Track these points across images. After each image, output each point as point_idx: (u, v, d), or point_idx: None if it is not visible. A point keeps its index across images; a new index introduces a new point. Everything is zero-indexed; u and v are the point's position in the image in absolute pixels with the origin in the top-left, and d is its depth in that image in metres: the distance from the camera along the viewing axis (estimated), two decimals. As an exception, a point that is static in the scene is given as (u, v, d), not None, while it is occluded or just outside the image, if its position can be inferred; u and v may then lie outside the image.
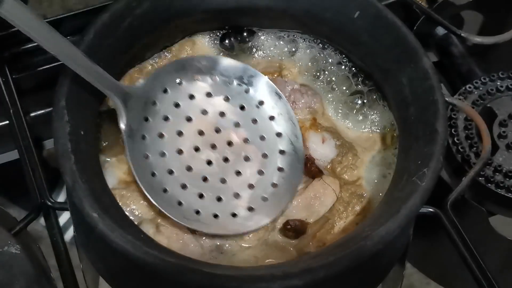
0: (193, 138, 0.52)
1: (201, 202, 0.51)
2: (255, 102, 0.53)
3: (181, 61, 0.54)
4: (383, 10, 0.57)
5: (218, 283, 0.43)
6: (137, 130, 0.52)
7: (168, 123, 0.52)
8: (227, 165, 0.52)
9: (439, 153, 0.49)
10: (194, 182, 0.51)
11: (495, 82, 0.76)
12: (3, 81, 0.67)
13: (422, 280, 0.91)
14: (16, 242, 0.53)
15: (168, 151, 0.52)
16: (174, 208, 0.51)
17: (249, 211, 0.51)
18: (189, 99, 0.53)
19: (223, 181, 0.51)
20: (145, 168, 0.51)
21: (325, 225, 0.54)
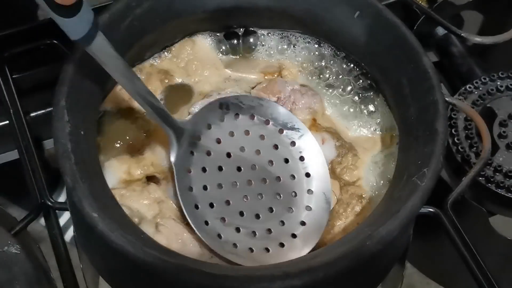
0: (232, 174, 0.54)
1: (238, 236, 0.52)
2: (288, 143, 0.56)
3: (225, 99, 0.57)
4: (383, 10, 0.57)
5: (218, 283, 0.43)
6: (184, 164, 0.54)
7: (210, 157, 0.55)
8: (261, 201, 0.54)
9: (439, 153, 0.49)
10: (232, 216, 0.53)
11: (495, 82, 0.76)
12: (3, 81, 0.67)
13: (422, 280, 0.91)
14: (16, 242, 0.53)
15: (210, 185, 0.54)
16: (214, 240, 0.52)
17: (280, 246, 0.52)
18: (230, 136, 0.55)
19: (257, 216, 0.53)
20: (189, 200, 0.53)
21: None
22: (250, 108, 0.56)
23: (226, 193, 0.53)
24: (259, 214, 0.53)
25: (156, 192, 0.54)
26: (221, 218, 0.52)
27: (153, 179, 0.56)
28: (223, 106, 0.56)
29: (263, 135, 0.56)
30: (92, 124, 0.53)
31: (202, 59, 0.62)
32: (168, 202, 0.54)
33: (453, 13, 0.83)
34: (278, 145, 0.56)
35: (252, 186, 0.54)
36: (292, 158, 0.55)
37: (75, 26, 0.46)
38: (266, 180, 0.54)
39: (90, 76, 0.52)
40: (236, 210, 0.53)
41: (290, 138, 0.56)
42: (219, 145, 0.55)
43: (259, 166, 0.55)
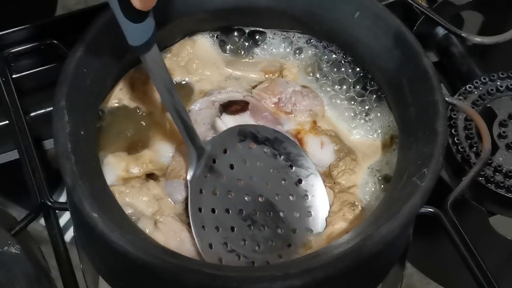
0: (240, 201, 0.55)
1: (238, 263, 0.53)
2: (295, 180, 0.56)
3: (244, 126, 0.57)
4: (383, 10, 0.57)
5: (218, 283, 0.43)
6: (198, 184, 0.54)
7: (221, 181, 0.55)
8: (263, 233, 0.54)
9: (439, 153, 0.49)
10: (234, 243, 0.53)
11: (495, 82, 0.76)
12: (3, 81, 0.67)
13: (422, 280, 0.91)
14: (16, 242, 0.53)
15: (218, 208, 0.54)
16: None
17: None
18: (242, 163, 0.56)
19: (258, 246, 0.53)
20: (198, 219, 0.53)
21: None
22: (266, 139, 0.57)
23: (232, 219, 0.54)
24: (260, 245, 0.53)
25: (155, 189, 0.54)
26: (224, 243, 0.53)
27: (152, 176, 0.56)
28: (241, 133, 0.56)
29: (274, 167, 0.56)
30: (92, 124, 0.53)
31: (203, 58, 0.62)
32: (166, 200, 0.54)
33: (453, 13, 0.83)
34: (285, 180, 0.56)
35: (257, 216, 0.54)
36: (297, 195, 0.56)
37: (139, 32, 0.48)
38: (270, 212, 0.55)
39: (90, 76, 0.52)
40: (239, 238, 0.53)
41: (298, 175, 0.57)
42: (232, 170, 0.55)
43: (265, 197, 0.55)
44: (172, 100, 0.52)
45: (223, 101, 0.59)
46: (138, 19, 0.47)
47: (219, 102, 0.59)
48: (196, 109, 0.59)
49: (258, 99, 0.60)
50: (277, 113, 0.60)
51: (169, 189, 0.55)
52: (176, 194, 0.54)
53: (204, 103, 0.59)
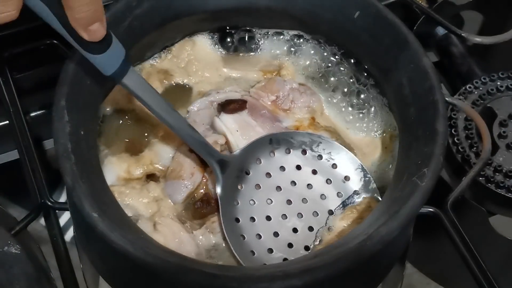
0: (282, 207, 0.55)
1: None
2: (341, 178, 0.56)
3: (275, 135, 0.57)
4: (383, 10, 0.57)
5: (218, 283, 0.43)
6: (231, 196, 0.54)
7: (259, 191, 0.55)
8: (311, 234, 0.54)
9: (439, 153, 0.49)
10: (279, 248, 0.53)
11: (495, 82, 0.76)
12: (3, 81, 0.67)
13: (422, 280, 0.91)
14: (16, 242, 0.53)
15: (258, 217, 0.54)
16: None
17: None
18: (280, 170, 0.56)
19: (307, 248, 0.53)
20: (235, 230, 0.53)
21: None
22: (302, 143, 0.56)
23: (275, 225, 0.54)
24: (309, 246, 0.53)
25: (155, 190, 0.54)
26: (269, 249, 0.53)
27: (152, 177, 0.56)
28: (273, 141, 0.56)
29: (316, 169, 0.56)
30: (92, 124, 0.53)
31: (202, 59, 0.62)
32: (166, 201, 0.54)
33: (453, 13, 0.83)
34: (331, 180, 0.56)
35: (303, 218, 0.54)
36: (345, 192, 0.56)
37: (106, 62, 0.48)
38: (317, 213, 0.54)
39: (90, 76, 0.52)
40: (285, 242, 0.53)
41: (344, 172, 0.56)
42: (269, 179, 0.55)
43: (310, 199, 0.55)
44: (171, 119, 0.52)
45: (221, 101, 0.59)
46: (100, 49, 0.47)
47: (217, 102, 0.59)
48: (194, 110, 0.59)
49: (256, 97, 0.60)
50: (275, 110, 0.60)
51: (169, 190, 0.55)
52: (176, 195, 0.55)
53: (203, 104, 0.59)
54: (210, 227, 0.53)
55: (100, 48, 0.46)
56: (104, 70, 0.48)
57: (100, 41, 0.46)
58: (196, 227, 0.53)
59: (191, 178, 0.55)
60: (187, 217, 0.54)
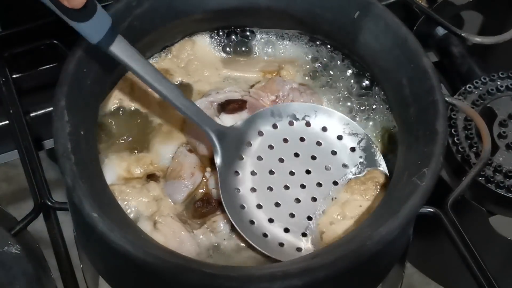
0: (284, 178, 0.54)
1: (285, 236, 0.52)
2: (346, 149, 0.56)
3: (277, 106, 0.57)
4: (383, 10, 0.57)
5: (218, 283, 0.43)
6: (231, 166, 0.54)
7: (261, 162, 0.55)
8: (314, 204, 0.54)
9: (439, 153, 0.49)
10: (280, 218, 0.53)
11: (495, 82, 0.76)
12: (3, 81, 0.67)
13: (422, 280, 0.91)
14: (16, 242, 0.53)
15: (259, 187, 0.54)
16: (258, 239, 0.52)
17: None
18: (283, 142, 0.56)
19: (309, 218, 0.53)
20: (235, 200, 0.53)
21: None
22: (305, 116, 0.56)
23: (277, 195, 0.54)
24: (311, 216, 0.53)
25: (155, 190, 0.54)
26: (269, 219, 0.53)
27: (152, 177, 0.56)
28: (275, 113, 0.56)
29: (320, 141, 0.56)
30: (92, 124, 0.53)
31: (202, 59, 0.62)
32: (166, 200, 0.54)
33: (453, 13, 0.83)
34: (336, 151, 0.56)
35: (306, 189, 0.54)
36: (351, 163, 0.55)
37: (91, 30, 0.48)
38: (321, 184, 0.54)
39: (90, 76, 0.52)
40: (287, 212, 0.53)
41: (350, 143, 0.56)
42: (272, 150, 0.55)
43: (314, 170, 0.54)
44: (163, 88, 0.51)
45: (221, 101, 0.59)
46: (83, 18, 0.47)
47: (217, 102, 0.59)
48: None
49: (255, 97, 0.60)
50: (275, 111, 0.60)
51: (169, 190, 0.55)
52: (176, 195, 0.55)
53: (203, 104, 0.59)
54: (210, 227, 0.53)
55: (83, 15, 0.47)
56: (90, 38, 0.48)
57: (83, 8, 0.46)
58: (196, 227, 0.53)
59: (191, 178, 0.55)
60: (187, 217, 0.54)
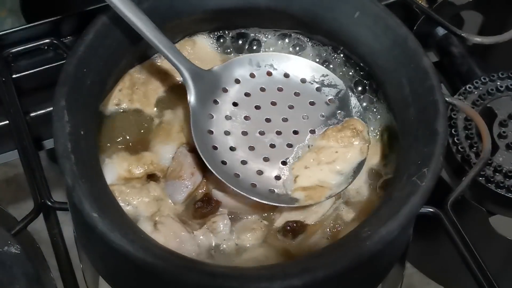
0: (260, 124, 0.54)
1: (259, 177, 0.53)
2: (325, 100, 0.56)
3: (255, 55, 0.57)
4: (383, 10, 0.57)
5: (218, 283, 0.43)
6: (205, 108, 0.54)
7: (236, 108, 0.55)
8: (289, 150, 0.54)
9: (439, 153, 0.49)
10: (254, 160, 0.53)
11: (495, 82, 0.76)
12: (3, 81, 0.67)
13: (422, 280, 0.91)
14: (16, 242, 0.53)
15: (233, 131, 0.54)
16: (230, 178, 0.52)
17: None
18: (260, 91, 0.56)
19: (284, 163, 0.53)
20: (207, 141, 0.53)
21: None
22: (284, 66, 0.56)
23: (251, 139, 0.54)
24: (286, 161, 0.53)
25: (156, 190, 0.54)
26: (242, 161, 0.53)
27: (152, 177, 0.56)
28: (253, 62, 0.56)
29: (298, 92, 0.56)
30: (92, 124, 0.53)
31: (203, 59, 0.62)
32: (166, 200, 0.54)
33: (453, 13, 0.83)
34: (315, 102, 0.56)
35: (282, 135, 0.54)
36: (329, 114, 0.55)
37: None
38: (298, 131, 0.54)
39: (90, 76, 0.52)
40: (261, 156, 0.53)
41: (328, 94, 0.56)
42: (248, 98, 0.55)
43: (291, 118, 0.54)
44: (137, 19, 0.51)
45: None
46: None
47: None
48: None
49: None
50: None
51: (170, 190, 0.55)
52: (177, 195, 0.55)
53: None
54: (210, 227, 0.53)
55: None
56: None
57: None
58: (197, 227, 0.53)
59: (191, 178, 0.55)
60: (188, 217, 0.54)
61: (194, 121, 0.54)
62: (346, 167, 0.55)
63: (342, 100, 0.56)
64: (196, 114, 0.54)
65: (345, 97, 0.56)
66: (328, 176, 0.54)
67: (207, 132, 0.53)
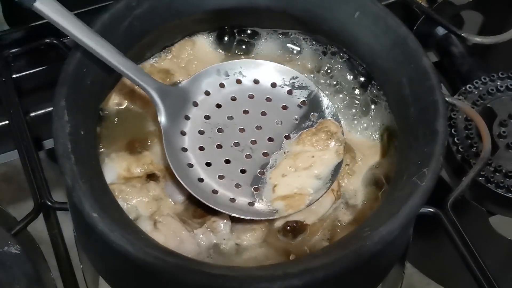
0: (234, 135, 0.54)
1: (237, 191, 0.53)
2: (297, 103, 0.56)
3: (223, 65, 0.57)
4: (383, 10, 0.57)
5: (218, 283, 0.43)
6: (176, 126, 0.54)
7: (208, 121, 0.54)
8: (266, 159, 0.54)
9: (439, 153, 0.49)
10: (231, 174, 0.53)
11: (495, 82, 0.76)
12: (3, 81, 0.67)
13: (422, 280, 0.91)
14: (16, 242, 0.53)
15: (207, 145, 0.54)
16: (208, 195, 0.52)
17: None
18: (231, 100, 0.55)
19: (261, 173, 0.53)
20: (182, 160, 0.53)
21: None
22: (253, 73, 0.56)
23: (227, 152, 0.53)
24: (264, 171, 0.53)
25: (155, 190, 0.54)
26: (219, 175, 0.52)
27: (152, 177, 0.56)
28: (221, 72, 0.55)
29: (270, 97, 0.55)
30: (92, 124, 0.53)
31: (202, 59, 0.62)
32: (166, 200, 0.54)
33: (453, 13, 0.83)
34: (287, 106, 0.55)
35: (257, 144, 0.53)
36: (302, 117, 0.55)
37: None
38: (272, 138, 0.54)
39: (90, 76, 0.52)
40: (237, 168, 0.53)
41: (300, 97, 0.56)
42: (219, 109, 0.54)
43: (265, 126, 0.54)
44: (95, 45, 0.50)
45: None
46: None
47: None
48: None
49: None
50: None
51: (170, 189, 0.55)
52: (177, 195, 0.55)
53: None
54: (210, 226, 0.53)
55: None
56: None
57: None
58: (197, 227, 0.53)
59: (191, 178, 0.55)
60: (188, 217, 0.54)
61: (167, 141, 0.53)
62: (323, 170, 0.54)
63: (314, 101, 0.56)
64: (168, 133, 0.53)
65: (317, 98, 0.56)
66: (306, 182, 0.54)
67: (181, 150, 0.53)
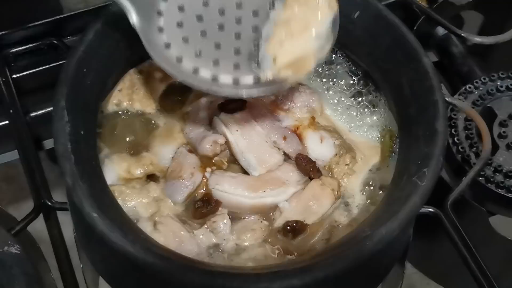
0: (215, 18, 0.53)
1: (237, 72, 0.52)
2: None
3: None
4: (383, 10, 0.57)
5: (218, 283, 0.43)
6: (152, 23, 0.52)
7: (184, 12, 0.53)
8: (257, 33, 0.52)
9: (439, 153, 0.49)
10: (227, 58, 0.52)
11: (495, 82, 0.76)
12: (3, 81, 0.67)
13: (422, 280, 0.91)
14: (16, 242, 0.53)
15: (191, 37, 0.52)
16: (190, 76, 0.52)
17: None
18: None
19: (257, 48, 0.52)
20: (169, 56, 0.52)
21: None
22: None
23: (214, 38, 0.52)
24: (259, 45, 0.52)
25: (156, 191, 0.54)
26: (214, 61, 0.52)
27: (152, 177, 0.56)
28: None
29: None
30: (92, 124, 0.53)
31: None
32: (166, 201, 0.54)
33: (453, 13, 0.84)
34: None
35: (243, 22, 0.52)
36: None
37: None
38: (257, 12, 0.52)
39: (90, 76, 0.52)
40: (230, 50, 0.52)
41: None
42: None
43: (245, 0, 0.53)
44: None
45: (221, 101, 0.59)
46: None
47: (216, 102, 0.59)
48: (194, 111, 0.59)
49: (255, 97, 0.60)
50: (275, 110, 0.60)
51: (170, 190, 0.55)
52: (176, 195, 0.55)
53: (202, 104, 0.59)
54: (210, 227, 0.53)
55: None
56: None
57: None
58: (197, 227, 0.53)
59: (191, 178, 0.55)
60: (187, 217, 0.54)
61: (147, 42, 0.51)
62: (321, 29, 0.52)
63: None
64: (144, 32, 0.51)
65: None
66: (307, 44, 0.51)
67: (163, 46, 0.52)
